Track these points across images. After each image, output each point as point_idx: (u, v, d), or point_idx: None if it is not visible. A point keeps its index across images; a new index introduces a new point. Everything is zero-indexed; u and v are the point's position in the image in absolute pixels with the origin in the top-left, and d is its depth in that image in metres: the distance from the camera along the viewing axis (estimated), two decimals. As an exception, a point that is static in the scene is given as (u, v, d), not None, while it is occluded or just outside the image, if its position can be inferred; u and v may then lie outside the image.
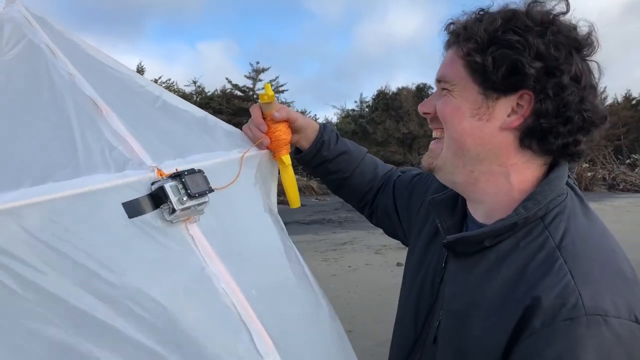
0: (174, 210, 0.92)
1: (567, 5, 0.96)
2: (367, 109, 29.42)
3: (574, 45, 0.94)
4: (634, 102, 36.04)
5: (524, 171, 1.00)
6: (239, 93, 25.32)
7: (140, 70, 26.48)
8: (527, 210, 0.94)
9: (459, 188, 1.07)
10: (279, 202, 1.40)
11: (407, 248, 1.33)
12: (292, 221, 14.84)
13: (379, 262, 9.40)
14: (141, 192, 0.93)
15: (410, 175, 1.45)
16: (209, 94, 26.90)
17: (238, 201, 1.14)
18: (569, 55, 0.93)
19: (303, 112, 29.63)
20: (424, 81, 26.03)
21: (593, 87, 0.96)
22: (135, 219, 0.90)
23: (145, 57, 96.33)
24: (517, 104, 0.96)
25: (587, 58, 0.96)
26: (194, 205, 0.95)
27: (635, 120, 33.87)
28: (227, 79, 25.94)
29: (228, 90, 25.42)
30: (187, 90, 27.20)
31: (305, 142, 1.43)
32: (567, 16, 0.97)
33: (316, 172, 1.50)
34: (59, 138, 0.92)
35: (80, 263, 0.81)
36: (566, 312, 0.81)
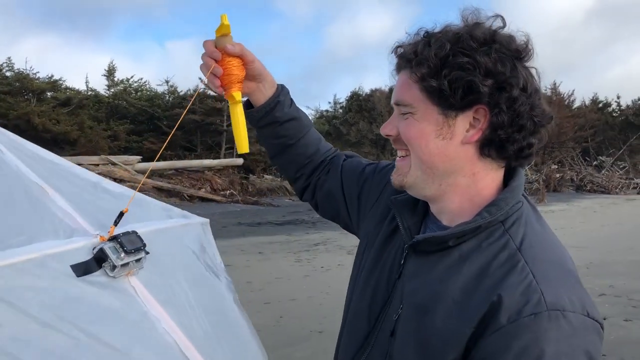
0: (115, 267, 1.08)
1: (504, 20, 1.03)
2: (340, 110, 29.48)
3: (516, 56, 1.01)
4: (600, 105, 36.89)
5: (485, 177, 1.07)
6: (212, 93, 25.13)
7: (112, 70, 26.09)
8: (491, 215, 1.02)
9: (428, 199, 1.12)
10: (251, 202, 1.49)
11: (359, 240, 1.35)
12: (265, 222, 14.80)
13: (352, 262, 9.42)
14: (87, 256, 1.09)
15: (361, 164, 1.44)
16: (181, 93, 26.66)
17: (172, 262, 1.32)
18: (514, 67, 1.00)
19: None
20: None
21: (538, 91, 1.03)
22: (83, 278, 1.05)
23: (113, 55, 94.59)
24: (474, 118, 1.02)
25: (528, 65, 1.03)
26: (132, 261, 1.11)
27: (602, 123, 34.68)
28: (200, 78, 25.69)
29: (201, 90, 25.21)
30: (160, 89, 26.91)
31: (261, 96, 1.37)
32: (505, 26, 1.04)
33: (261, 133, 1.44)
34: (13, 214, 1.10)
35: (34, 316, 0.94)
36: (530, 308, 0.90)
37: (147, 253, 1.19)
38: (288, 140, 1.43)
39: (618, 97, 37.32)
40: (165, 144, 1.88)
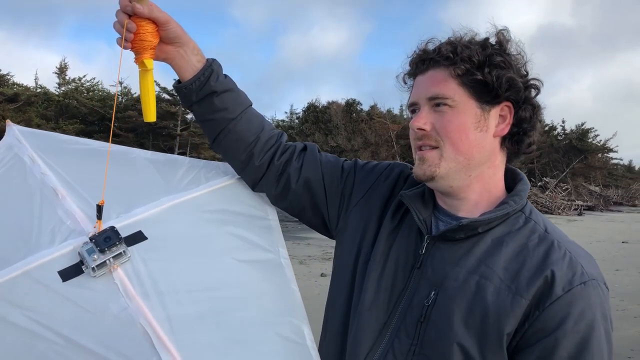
0: (94, 268, 1.14)
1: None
2: (297, 121, 29.53)
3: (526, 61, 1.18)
4: (547, 128, 38.24)
5: (500, 170, 1.21)
6: (167, 97, 24.76)
7: (63, 68, 25.41)
8: (516, 204, 1.15)
9: (452, 190, 1.18)
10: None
11: (337, 242, 1.34)
12: (216, 229, 14.57)
13: (303, 272, 9.46)
14: (75, 258, 1.17)
15: (337, 159, 1.45)
16: (135, 95, 26.14)
17: (184, 243, 1.28)
18: (526, 70, 1.18)
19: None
20: (348, 96, 26.40)
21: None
22: (68, 282, 1.13)
23: (63, 54, 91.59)
24: (500, 115, 1.16)
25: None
26: (109, 258, 1.15)
27: (547, 145, 35.97)
28: (155, 81, 25.24)
29: (155, 93, 24.72)
30: (113, 90, 26.32)
31: (185, 65, 1.31)
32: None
33: (199, 110, 1.35)
34: (22, 228, 1.21)
35: (23, 327, 1.07)
36: (578, 278, 1.05)
37: (144, 239, 1.22)
38: (229, 114, 1.33)
39: (563, 122, 38.98)
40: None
